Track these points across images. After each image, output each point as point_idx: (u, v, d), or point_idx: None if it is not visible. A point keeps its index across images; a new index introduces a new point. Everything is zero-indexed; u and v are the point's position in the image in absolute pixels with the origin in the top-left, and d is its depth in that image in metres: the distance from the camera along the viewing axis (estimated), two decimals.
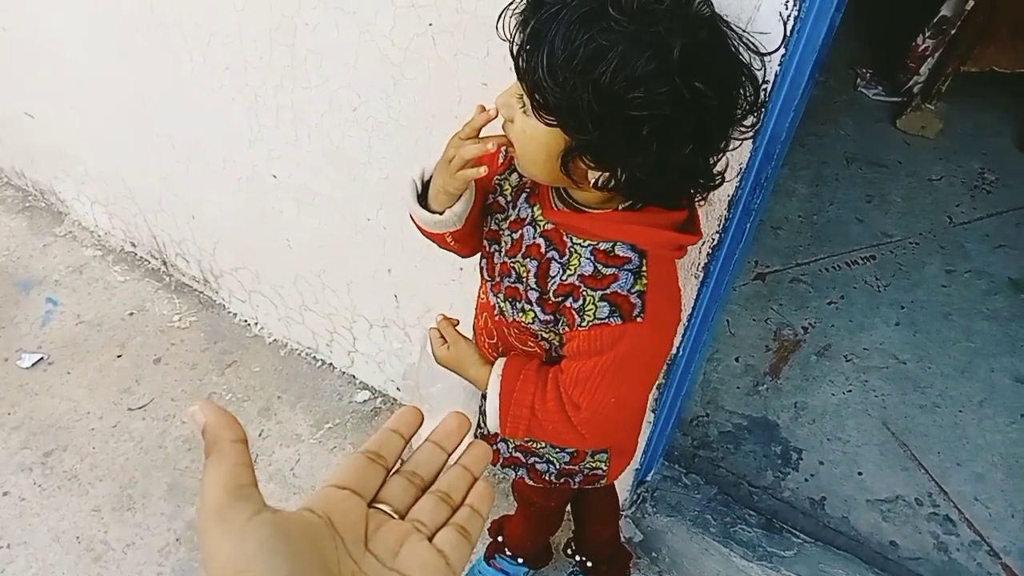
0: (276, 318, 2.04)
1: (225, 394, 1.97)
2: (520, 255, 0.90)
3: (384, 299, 1.68)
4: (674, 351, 1.29)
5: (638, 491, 1.64)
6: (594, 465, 1.12)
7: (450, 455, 0.48)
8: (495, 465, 1.17)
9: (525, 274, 0.89)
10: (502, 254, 0.94)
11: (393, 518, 0.42)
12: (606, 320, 0.82)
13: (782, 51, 0.88)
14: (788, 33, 0.87)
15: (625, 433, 1.13)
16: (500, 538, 1.51)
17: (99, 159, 2.08)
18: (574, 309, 0.84)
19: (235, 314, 2.16)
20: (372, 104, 1.33)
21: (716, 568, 1.57)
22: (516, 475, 1.16)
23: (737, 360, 2.04)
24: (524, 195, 0.92)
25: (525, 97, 0.74)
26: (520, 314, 0.92)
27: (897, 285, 2.29)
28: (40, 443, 1.84)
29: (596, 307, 0.82)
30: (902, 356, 2.09)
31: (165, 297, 2.21)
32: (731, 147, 0.78)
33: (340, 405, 1.95)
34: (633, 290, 0.82)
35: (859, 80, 3.08)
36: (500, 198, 0.95)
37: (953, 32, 2.63)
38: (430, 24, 1.14)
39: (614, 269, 0.82)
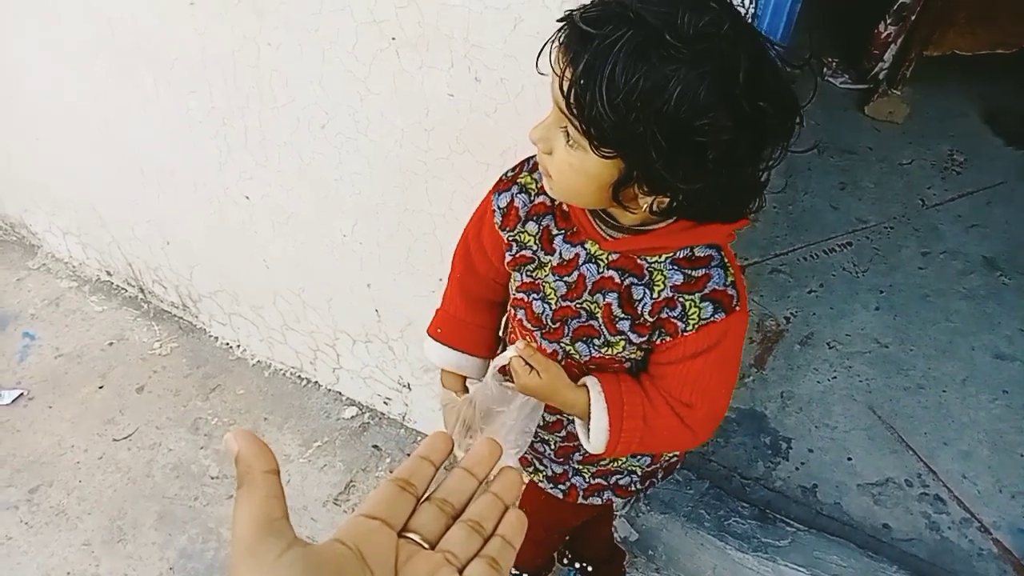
0: (258, 339, 2.02)
1: (211, 419, 1.95)
2: (587, 293, 0.87)
3: (365, 314, 1.68)
4: None
5: None
6: (671, 455, 1.11)
7: (481, 482, 0.47)
8: (574, 501, 1.12)
9: (602, 309, 0.87)
10: (554, 301, 0.90)
11: (424, 547, 0.42)
12: (711, 318, 0.82)
13: None
14: None
15: None
16: None
17: (69, 189, 2.06)
18: (674, 317, 0.83)
19: (216, 338, 2.14)
20: (340, 120, 1.32)
21: (712, 562, 1.57)
22: (603, 500, 1.12)
23: None
24: (559, 238, 0.88)
25: (571, 130, 0.71)
26: (604, 348, 0.90)
27: (875, 270, 2.32)
28: (24, 480, 1.81)
29: (699, 308, 0.82)
30: (884, 340, 2.11)
31: (144, 325, 2.19)
32: (780, 160, 0.75)
33: (328, 423, 1.94)
34: (727, 282, 0.83)
35: (826, 69, 3.12)
36: (525, 251, 0.91)
37: (913, 18, 2.67)
38: (393, 38, 1.14)
39: (703, 269, 0.82)
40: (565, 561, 1.54)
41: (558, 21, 0.69)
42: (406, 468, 0.45)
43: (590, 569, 1.50)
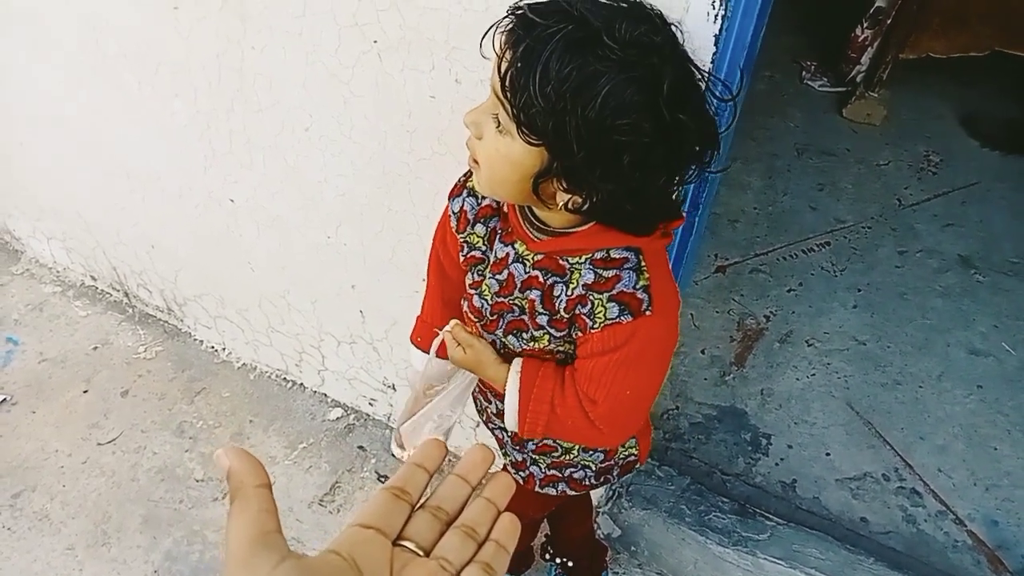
0: (243, 342, 2.03)
1: (196, 422, 1.95)
2: (517, 291, 0.91)
3: (350, 315, 1.69)
4: None
5: (613, 487, 1.66)
6: (627, 453, 1.14)
7: (475, 489, 0.47)
8: (531, 489, 1.17)
9: (528, 305, 0.91)
10: (489, 297, 0.95)
11: (419, 555, 0.42)
12: (617, 319, 0.84)
13: (713, 49, 0.92)
14: (718, 32, 0.91)
15: (643, 419, 1.13)
16: None
17: (53, 194, 2.06)
18: (584, 314, 0.86)
19: (201, 341, 2.15)
20: (324, 123, 1.34)
21: (694, 556, 1.60)
22: (557, 492, 1.16)
23: (703, 352, 2.08)
24: (497, 237, 0.93)
25: (501, 116, 0.74)
26: (532, 342, 0.94)
27: (852, 269, 2.36)
28: (7, 485, 1.81)
29: (606, 308, 0.84)
30: (861, 337, 2.14)
31: (129, 329, 2.19)
32: (692, 180, 0.80)
33: (313, 424, 1.95)
34: (638, 286, 0.84)
35: (804, 73, 3.17)
36: (475, 252, 0.96)
37: (889, 22, 2.72)
38: (375, 41, 1.16)
39: (615, 271, 0.84)
40: (547, 557, 1.56)
41: (508, 9, 0.73)
42: (400, 476, 0.45)
43: (571, 565, 1.52)
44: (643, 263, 0.85)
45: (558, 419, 0.93)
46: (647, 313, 0.84)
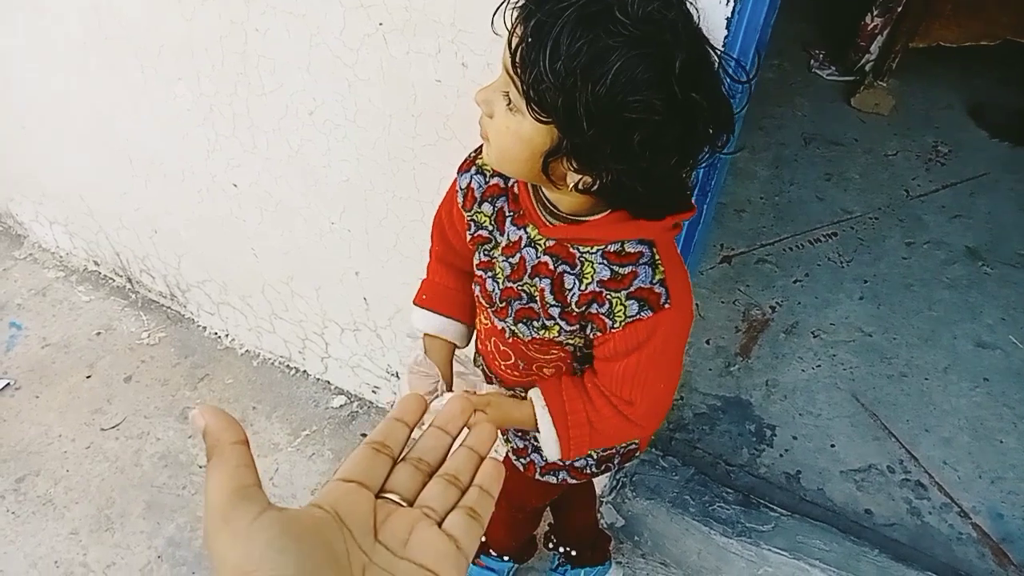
0: (246, 329, 2.03)
1: None
2: (527, 276, 0.90)
3: (353, 302, 1.68)
4: None
5: (617, 477, 1.66)
6: (628, 442, 1.13)
7: (455, 439, 0.47)
8: (531, 476, 1.16)
9: (538, 293, 0.89)
10: (501, 280, 0.93)
11: (402, 506, 0.42)
12: (638, 316, 0.83)
13: (724, 32, 0.90)
14: (730, 14, 0.89)
15: (671, 401, 1.12)
16: (484, 538, 1.52)
17: (55, 178, 2.05)
18: (602, 314, 0.84)
19: (204, 327, 2.14)
20: (328, 107, 1.33)
21: (697, 547, 1.59)
22: (557, 480, 1.16)
23: (708, 342, 2.07)
24: (508, 219, 0.92)
25: (512, 93, 0.73)
26: (542, 331, 0.93)
27: (859, 260, 2.34)
28: (11, 470, 1.81)
29: (625, 307, 0.83)
30: (867, 329, 2.13)
31: (132, 314, 2.19)
32: (703, 163, 0.79)
33: (316, 412, 1.95)
34: (655, 280, 0.83)
35: (813, 61, 3.14)
36: (482, 231, 0.95)
37: (900, 9, 2.69)
38: (380, 24, 1.15)
39: (631, 266, 0.83)
40: (550, 545, 1.56)
41: None
42: (380, 431, 0.45)
43: (574, 554, 1.52)
44: (657, 257, 0.84)
45: (598, 432, 0.92)
46: (666, 307, 0.83)
